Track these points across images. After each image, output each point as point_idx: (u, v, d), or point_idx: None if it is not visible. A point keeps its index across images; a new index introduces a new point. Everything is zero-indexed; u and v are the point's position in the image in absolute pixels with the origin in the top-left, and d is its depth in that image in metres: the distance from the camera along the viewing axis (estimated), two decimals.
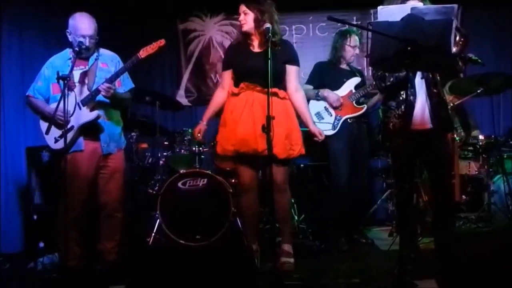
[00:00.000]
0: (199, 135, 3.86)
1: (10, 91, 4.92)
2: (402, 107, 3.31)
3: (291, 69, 3.79)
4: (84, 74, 3.76)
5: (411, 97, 3.42)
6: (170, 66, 6.27)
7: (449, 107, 3.65)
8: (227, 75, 3.86)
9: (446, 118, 3.48)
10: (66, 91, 3.36)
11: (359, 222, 4.93)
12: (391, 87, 3.48)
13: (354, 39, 4.68)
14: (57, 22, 5.29)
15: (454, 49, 3.24)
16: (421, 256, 3.61)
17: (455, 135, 4.94)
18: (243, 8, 3.72)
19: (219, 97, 3.88)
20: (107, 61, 3.85)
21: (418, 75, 3.44)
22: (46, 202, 4.47)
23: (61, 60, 3.75)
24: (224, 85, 3.86)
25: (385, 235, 5.01)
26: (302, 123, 3.89)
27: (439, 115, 3.42)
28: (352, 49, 4.69)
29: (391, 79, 3.48)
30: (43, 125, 3.75)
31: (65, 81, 3.36)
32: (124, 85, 3.91)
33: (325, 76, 4.69)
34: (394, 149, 3.55)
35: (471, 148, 5.17)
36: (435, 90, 3.43)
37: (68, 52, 3.80)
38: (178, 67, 6.32)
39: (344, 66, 4.75)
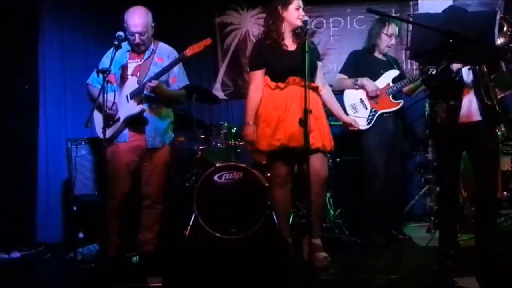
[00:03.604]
0: (252, 136, 3.77)
1: (51, 85, 5.04)
2: (450, 100, 3.23)
3: (318, 65, 3.89)
4: (138, 67, 3.80)
5: (459, 90, 3.34)
6: (207, 60, 6.27)
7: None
8: (260, 75, 3.78)
9: (494, 110, 3.38)
10: (105, 84, 3.39)
11: (397, 218, 4.84)
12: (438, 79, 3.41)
13: (392, 28, 4.50)
14: (95, 17, 5.39)
15: (502, 40, 3.16)
16: (461, 253, 3.54)
17: (497, 130, 4.81)
18: (300, 3, 3.73)
19: (257, 96, 3.76)
20: (164, 56, 3.84)
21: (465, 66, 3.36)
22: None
23: (120, 52, 3.73)
24: (259, 85, 3.77)
25: (423, 231, 4.92)
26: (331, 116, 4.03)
27: (487, 107, 3.33)
28: (388, 38, 4.51)
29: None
30: (97, 114, 3.76)
31: (105, 75, 3.39)
32: (179, 81, 3.92)
33: (360, 65, 4.55)
34: (440, 143, 3.48)
35: None
36: (482, 82, 3.34)
37: (127, 44, 3.83)
38: (214, 60, 6.32)
39: (379, 55, 4.62)
